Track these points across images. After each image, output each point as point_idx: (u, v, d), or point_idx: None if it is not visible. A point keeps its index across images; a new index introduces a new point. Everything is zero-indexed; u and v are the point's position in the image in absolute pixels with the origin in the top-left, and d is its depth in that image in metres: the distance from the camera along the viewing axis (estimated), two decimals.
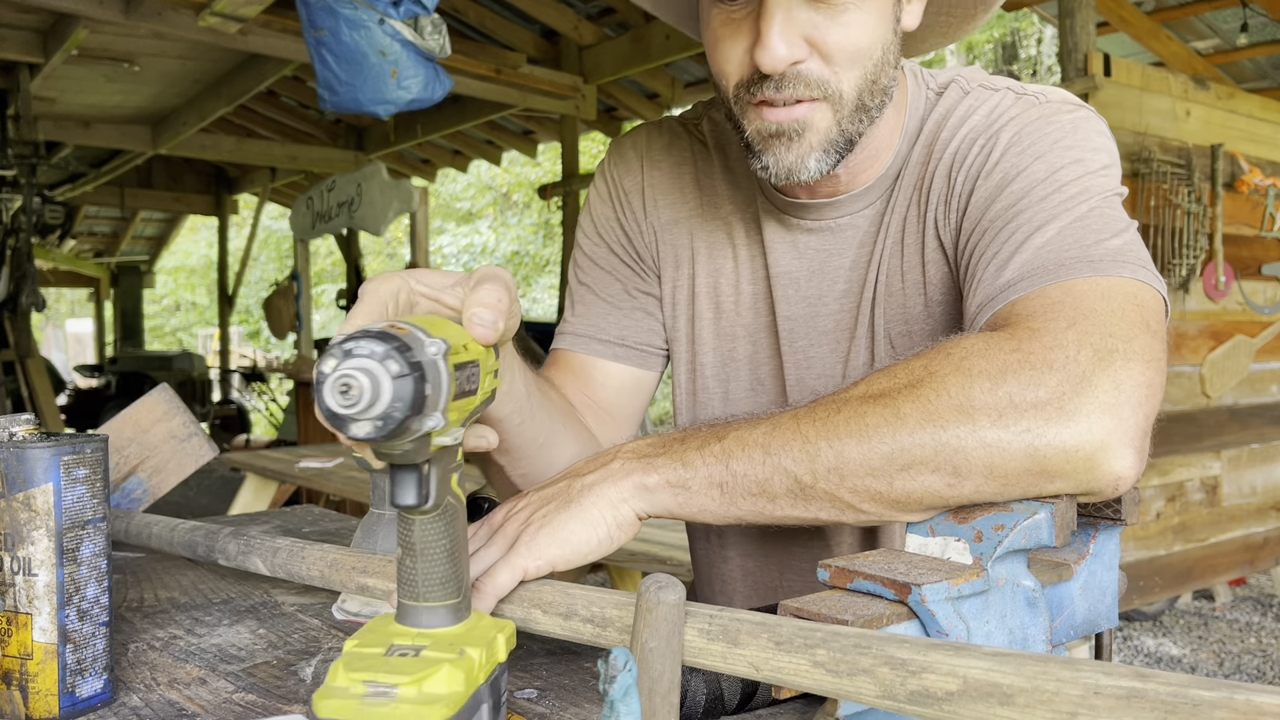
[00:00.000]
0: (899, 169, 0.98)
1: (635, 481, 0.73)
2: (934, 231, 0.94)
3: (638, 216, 1.11)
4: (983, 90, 0.96)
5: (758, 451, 0.71)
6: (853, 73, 0.87)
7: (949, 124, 0.95)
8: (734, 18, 0.87)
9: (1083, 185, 0.84)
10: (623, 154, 1.14)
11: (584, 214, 1.16)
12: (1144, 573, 3.87)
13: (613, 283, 1.11)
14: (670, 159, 1.11)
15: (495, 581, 0.71)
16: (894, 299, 0.97)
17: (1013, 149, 0.88)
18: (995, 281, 0.80)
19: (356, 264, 8.61)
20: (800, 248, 1.02)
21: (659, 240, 1.10)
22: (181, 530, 1.13)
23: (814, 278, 1.02)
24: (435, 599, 0.65)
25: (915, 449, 0.66)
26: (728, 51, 0.89)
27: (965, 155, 0.92)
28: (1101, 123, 0.91)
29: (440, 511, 0.64)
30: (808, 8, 0.84)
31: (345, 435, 0.57)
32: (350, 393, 0.56)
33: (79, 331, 21.31)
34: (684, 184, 1.10)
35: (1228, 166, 4.14)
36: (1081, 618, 0.72)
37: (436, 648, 0.62)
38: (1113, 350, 0.68)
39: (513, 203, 17.79)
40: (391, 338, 0.57)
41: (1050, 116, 0.89)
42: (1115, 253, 0.78)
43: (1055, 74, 12.23)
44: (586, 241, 1.14)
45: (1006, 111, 0.92)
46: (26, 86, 6.45)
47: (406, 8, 3.69)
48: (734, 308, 1.07)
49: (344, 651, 0.61)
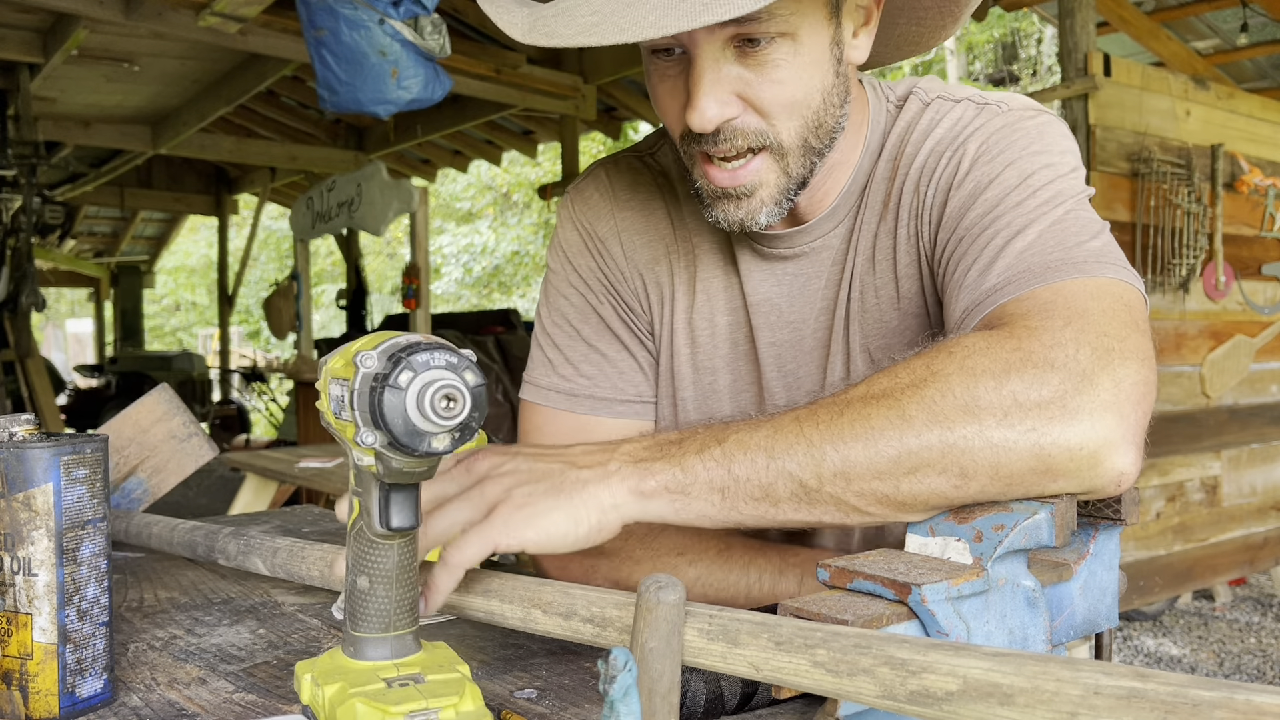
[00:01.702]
0: (864, 184, 0.98)
1: (631, 487, 0.71)
2: (906, 246, 0.94)
3: (619, 263, 1.06)
4: (943, 101, 0.95)
5: (760, 455, 0.70)
6: (790, 123, 0.86)
7: (912, 138, 0.95)
8: (669, 74, 0.87)
9: (1056, 189, 0.84)
10: (586, 199, 1.08)
11: (559, 263, 1.09)
12: (1144, 573, 3.87)
13: (606, 335, 1.06)
14: (638, 197, 1.07)
15: (464, 553, 0.70)
16: (869, 314, 0.97)
17: (982, 158, 0.88)
18: (980, 286, 0.80)
19: (356, 264, 8.61)
20: (779, 275, 1.01)
21: (645, 282, 1.06)
22: (181, 530, 1.13)
23: (795, 302, 1.01)
24: (403, 626, 0.64)
25: (923, 451, 0.66)
26: (667, 105, 0.89)
27: (934, 168, 0.92)
28: (1063, 126, 0.92)
29: (414, 533, 0.64)
30: (737, 64, 0.83)
31: (419, 450, 0.56)
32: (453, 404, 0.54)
33: (79, 331, 21.30)
34: (656, 221, 1.06)
35: (1228, 166, 4.13)
36: (1081, 618, 0.72)
37: (432, 672, 0.62)
38: (1110, 349, 0.68)
39: (513, 203, 17.78)
40: (452, 349, 0.56)
41: (1014, 124, 0.90)
42: (1097, 254, 0.78)
43: (1055, 74, 12.23)
44: (573, 292, 1.07)
45: (971, 122, 0.92)
46: (26, 86, 6.45)
47: (406, 8, 3.69)
48: (710, 340, 1.05)
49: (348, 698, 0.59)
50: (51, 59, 5.74)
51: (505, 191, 17.59)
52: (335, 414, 0.61)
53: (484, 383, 0.56)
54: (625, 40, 0.73)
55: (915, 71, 14.60)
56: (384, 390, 0.54)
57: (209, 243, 19.13)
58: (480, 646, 0.88)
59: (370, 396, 0.56)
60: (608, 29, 0.74)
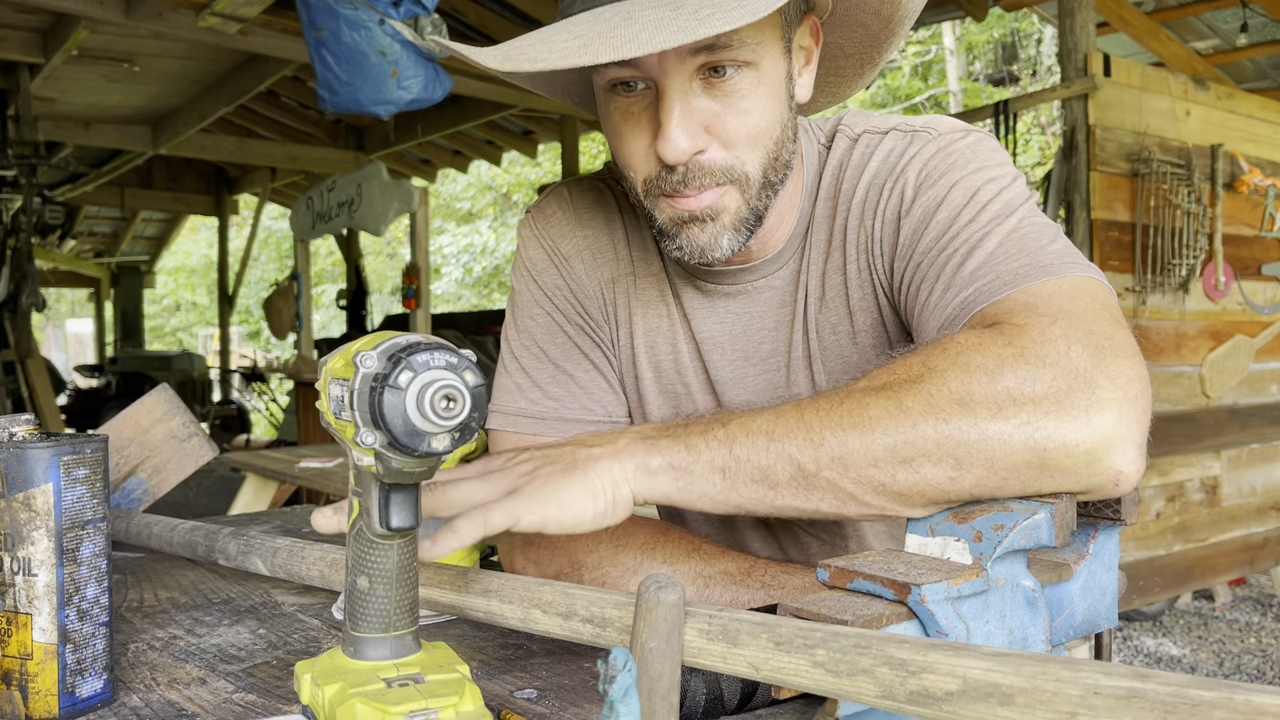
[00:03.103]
0: (806, 226, 0.99)
1: (638, 462, 0.73)
2: (857, 281, 0.95)
3: (582, 280, 1.06)
4: (870, 135, 0.96)
5: (762, 438, 0.71)
6: (755, 154, 0.87)
7: (847, 175, 0.96)
8: (633, 111, 0.87)
9: (1004, 200, 0.85)
10: (549, 216, 1.08)
11: (524, 283, 1.08)
12: (1144, 573, 3.87)
13: (574, 354, 1.06)
14: (600, 216, 1.07)
15: (489, 518, 0.69)
16: (829, 351, 0.98)
17: (925, 184, 0.89)
18: (951, 302, 0.81)
19: (356, 264, 8.61)
20: (720, 312, 1.02)
21: (604, 299, 1.06)
22: (181, 530, 1.13)
23: (738, 341, 1.02)
24: (403, 626, 0.64)
25: (918, 441, 0.67)
26: (631, 145, 0.88)
27: (875, 201, 0.93)
28: (994, 141, 0.93)
29: (414, 533, 0.63)
30: (705, 96, 0.84)
31: (419, 450, 0.56)
32: (453, 404, 0.54)
33: (79, 331, 21.30)
34: (616, 241, 1.06)
35: (1228, 166, 4.14)
36: (1081, 618, 0.72)
37: (432, 672, 0.62)
38: (1101, 347, 0.68)
39: (513, 203, 17.79)
40: (452, 349, 0.56)
41: (947, 147, 0.91)
42: (1061, 256, 0.79)
43: (1055, 74, 12.24)
44: (539, 312, 1.06)
45: (905, 152, 0.93)
46: (26, 86, 6.46)
47: (406, 8, 3.69)
48: (673, 366, 1.05)
49: (348, 698, 0.59)
50: (51, 59, 5.75)
51: (505, 192, 17.60)
52: (335, 414, 0.61)
53: (484, 383, 0.56)
54: (619, 58, 0.72)
55: (915, 73, 14.60)
56: (384, 390, 0.55)
57: (209, 243, 19.14)
58: (480, 646, 0.89)
59: (370, 396, 0.56)
60: (599, 48, 0.74)
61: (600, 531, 0.93)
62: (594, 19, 0.79)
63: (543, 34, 0.82)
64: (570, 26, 0.80)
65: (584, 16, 0.81)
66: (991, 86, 14.31)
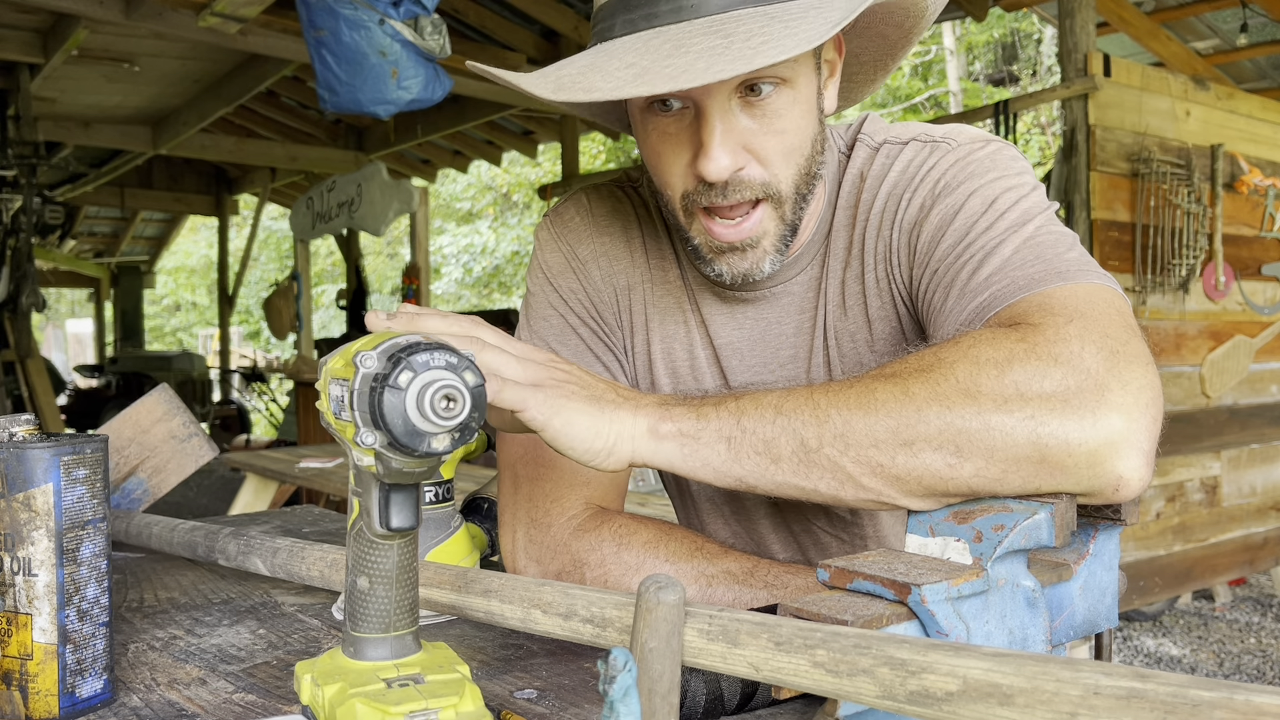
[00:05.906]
0: (826, 232, 1.00)
1: (650, 425, 0.74)
2: (876, 290, 0.96)
3: (598, 285, 1.07)
4: (891, 145, 0.97)
5: (770, 411, 0.73)
6: (789, 170, 0.89)
7: (867, 184, 0.97)
8: (670, 130, 0.88)
9: (1022, 208, 0.86)
10: (567, 221, 1.09)
11: (540, 285, 1.08)
12: (1144, 573, 3.87)
13: (586, 358, 1.06)
14: (618, 223, 1.08)
15: (502, 391, 0.68)
16: (847, 359, 0.99)
17: (943, 193, 0.90)
18: (968, 306, 0.82)
19: (356, 264, 8.61)
20: (739, 318, 1.03)
21: (619, 306, 1.07)
22: (181, 530, 1.13)
23: (757, 346, 1.03)
24: (403, 626, 0.64)
25: (920, 425, 0.68)
26: (670, 164, 0.89)
27: (894, 211, 0.94)
28: (1014, 149, 0.94)
29: (414, 533, 0.63)
30: (744, 115, 0.85)
31: (419, 450, 0.55)
32: (453, 404, 0.55)
33: (79, 331, 21.30)
34: (634, 248, 1.07)
35: (1227, 166, 4.14)
36: (1081, 618, 0.72)
37: (432, 672, 0.62)
38: (1115, 351, 0.68)
39: (513, 203, 17.79)
40: (452, 349, 0.56)
41: (966, 157, 0.91)
42: (1077, 263, 0.80)
43: (1055, 74, 12.24)
44: (553, 314, 1.06)
45: (925, 162, 0.93)
46: (26, 86, 6.46)
47: (406, 8, 3.69)
48: (690, 373, 1.06)
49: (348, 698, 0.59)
50: (51, 59, 5.75)
51: (505, 192, 17.59)
52: (335, 414, 0.61)
53: (484, 383, 0.56)
54: (677, 88, 0.74)
55: (915, 73, 14.60)
56: (384, 390, 0.55)
57: (209, 243, 19.14)
58: (480, 646, 0.89)
59: (370, 397, 0.56)
60: (655, 78, 0.76)
61: (603, 530, 0.94)
62: (643, 46, 0.80)
63: (592, 60, 0.82)
64: (620, 54, 0.81)
65: (630, 41, 0.82)
66: (991, 87, 14.31)
